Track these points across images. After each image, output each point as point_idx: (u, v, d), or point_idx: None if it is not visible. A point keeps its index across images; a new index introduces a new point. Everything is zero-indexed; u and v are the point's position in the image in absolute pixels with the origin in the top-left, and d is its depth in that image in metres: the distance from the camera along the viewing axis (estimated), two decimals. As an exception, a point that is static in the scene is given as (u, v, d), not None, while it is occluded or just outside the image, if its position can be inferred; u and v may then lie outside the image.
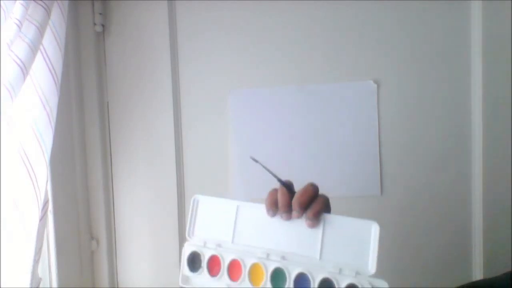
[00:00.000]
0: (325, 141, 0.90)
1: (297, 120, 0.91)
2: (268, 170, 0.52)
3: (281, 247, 0.50)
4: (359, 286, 0.45)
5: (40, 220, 0.72)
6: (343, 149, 0.90)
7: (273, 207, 0.50)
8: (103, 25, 0.99)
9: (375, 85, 0.88)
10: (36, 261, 0.73)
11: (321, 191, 0.50)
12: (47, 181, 0.73)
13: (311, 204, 0.48)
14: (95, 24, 0.97)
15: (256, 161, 0.54)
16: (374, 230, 0.46)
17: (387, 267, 0.88)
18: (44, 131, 0.72)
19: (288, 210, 0.49)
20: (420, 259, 0.88)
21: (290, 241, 0.50)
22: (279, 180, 0.52)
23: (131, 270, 1.03)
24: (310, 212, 0.48)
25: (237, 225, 0.53)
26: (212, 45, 0.96)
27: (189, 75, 0.98)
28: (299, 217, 0.49)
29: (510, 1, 0.81)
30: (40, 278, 0.79)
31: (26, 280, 0.71)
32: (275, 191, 0.51)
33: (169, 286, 0.99)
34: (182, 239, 0.99)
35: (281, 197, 0.50)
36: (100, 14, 0.97)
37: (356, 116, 0.89)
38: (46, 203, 0.76)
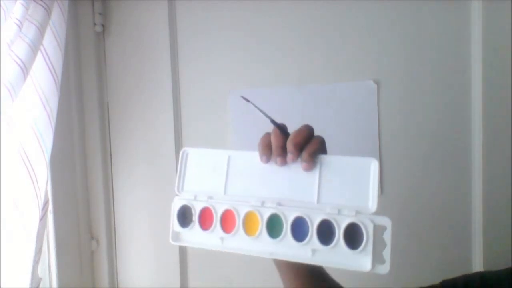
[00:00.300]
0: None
1: (297, 120, 0.91)
2: (260, 110, 0.50)
3: (277, 194, 0.47)
4: (360, 224, 0.43)
5: (40, 220, 0.73)
6: (343, 149, 0.89)
7: (267, 150, 0.47)
8: (103, 25, 0.99)
9: (375, 85, 0.88)
10: (36, 261, 0.73)
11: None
12: (47, 181, 0.74)
13: (306, 145, 0.46)
14: (95, 24, 0.97)
15: (248, 100, 0.52)
16: (373, 166, 0.44)
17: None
18: (44, 131, 0.72)
19: (282, 153, 0.46)
20: (420, 259, 0.88)
21: (286, 188, 0.47)
22: (272, 121, 0.48)
23: (131, 270, 1.03)
24: (305, 153, 0.45)
25: (229, 175, 0.50)
26: (212, 45, 0.96)
27: (189, 75, 0.98)
28: (294, 159, 0.46)
29: (510, 1, 0.81)
30: (40, 278, 0.79)
31: (26, 280, 0.71)
32: (268, 134, 0.48)
33: (169, 286, 0.99)
34: (182, 239, 0.99)
35: (274, 139, 0.47)
36: (100, 14, 0.97)
37: (356, 116, 0.89)
38: (46, 203, 0.76)
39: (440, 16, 0.85)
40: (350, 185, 0.45)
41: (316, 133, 0.48)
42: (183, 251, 0.99)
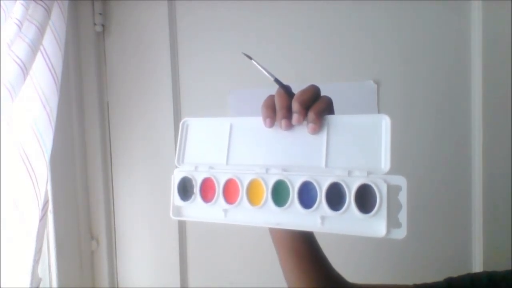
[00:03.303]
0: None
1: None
2: (263, 68, 0.47)
3: (282, 161, 0.44)
4: (372, 185, 0.39)
5: (40, 220, 0.72)
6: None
7: (270, 112, 0.44)
8: (103, 25, 0.99)
9: (375, 85, 0.88)
10: (36, 261, 0.73)
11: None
12: (47, 181, 0.73)
13: (313, 105, 0.42)
14: (95, 24, 0.97)
15: (250, 58, 0.49)
16: (385, 123, 0.41)
17: (387, 267, 0.88)
18: (44, 131, 0.72)
19: (287, 115, 0.43)
20: (420, 259, 0.88)
21: (292, 153, 0.44)
22: (276, 80, 0.45)
23: (131, 270, 1.03)
24: (311, 113, 0.42)
25: (231, 144, 0.47)
26: (212, 45, 0.96)
27: (189, 75, 0.98)
28: (300, 120, 0.42)
29: (510, 1, 0.81)
30: (40, 278, 0.79)
31: (26, 280, 0.71)
32: (271, 96, 0.45)
33: (169, 286, 0.99)
34: (182, 238, 0.99)
35: (279, 99, 0.43)
36: (100, 14, 0.97)
37: (356, 116, 0.89)
38: (46, 203, 0.76)
39: (440, 16, 0.85)
40: (360, 145, 0.41)
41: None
42: (183, 250, 0.99)
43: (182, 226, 0.99)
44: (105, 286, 1.01)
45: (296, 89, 0.46)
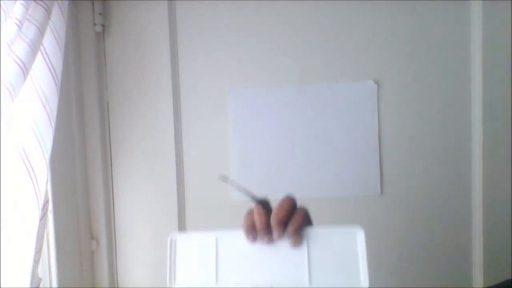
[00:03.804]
0: (325, 141, 0.90)
1: (297, 120, 0.91)
2: (241, 188, 0.50)
3: (268, 276, 0.46)
4: None
5: (40, 220, 0.72)
6: (343, 149, 0.90)
7: (252, 230, 0.47)
8: (103, 25, 0.99)
9: (375, 85, 0.88)
10: (36, 261, 0.73)
11: (320, 191, 0.48)
12: (47, 181, 0.73)
13: (290, 219, 0.45)
14: (95, 24, 0.97)
15: (226, 180, 0.52)
16: (359, 237, 0.44)
17: (387, 267, 0.88)
18: (44, 131, 0.72)
19: (267, 232, 0.46)
20: (420, 259, 0.88)
21: (277, 268, 0.46)
22: (253, 198, 0.48)
23: (131, 270, 1.03)
24: (290, 230, 0.45)
25: (219, 261, 0.48)
26: (212, 45, 0.96)
27: (189, 75, 0.98)
28: (280, 237, 0.45)
29: (510, 1, 0.81)
30: (40, 278, 0.79)
31: (26, 280, 0.71)
32: (251, 213, 0.47)
33: (169, 287, 0.99)
34: (182, 239, 0.99)
35: (258, 218, 0.46)
36: (100, 14, 0.97)
37: (356, 116, 0.89)
38: (46, 203, 0.76)
39: (440, 16, 0.85)
40: (339, 260, 0.45)
41: (316, 133, 0.47)
42: (183, 251, 0.99)
43: (182, 227, 0.99)
44: (105, 286, 1.01)
45: (297, 91, 0.46)
